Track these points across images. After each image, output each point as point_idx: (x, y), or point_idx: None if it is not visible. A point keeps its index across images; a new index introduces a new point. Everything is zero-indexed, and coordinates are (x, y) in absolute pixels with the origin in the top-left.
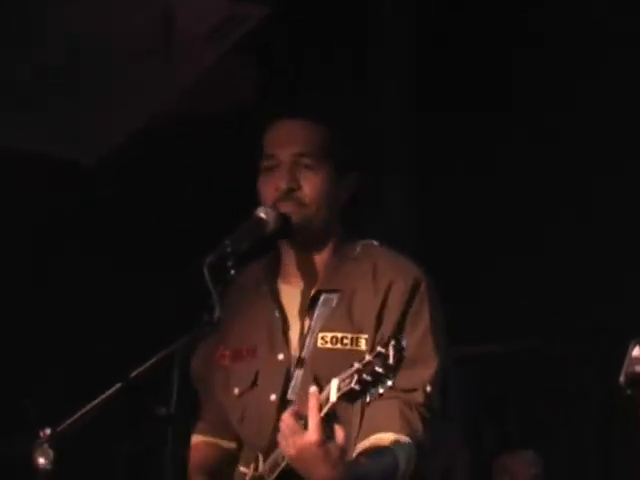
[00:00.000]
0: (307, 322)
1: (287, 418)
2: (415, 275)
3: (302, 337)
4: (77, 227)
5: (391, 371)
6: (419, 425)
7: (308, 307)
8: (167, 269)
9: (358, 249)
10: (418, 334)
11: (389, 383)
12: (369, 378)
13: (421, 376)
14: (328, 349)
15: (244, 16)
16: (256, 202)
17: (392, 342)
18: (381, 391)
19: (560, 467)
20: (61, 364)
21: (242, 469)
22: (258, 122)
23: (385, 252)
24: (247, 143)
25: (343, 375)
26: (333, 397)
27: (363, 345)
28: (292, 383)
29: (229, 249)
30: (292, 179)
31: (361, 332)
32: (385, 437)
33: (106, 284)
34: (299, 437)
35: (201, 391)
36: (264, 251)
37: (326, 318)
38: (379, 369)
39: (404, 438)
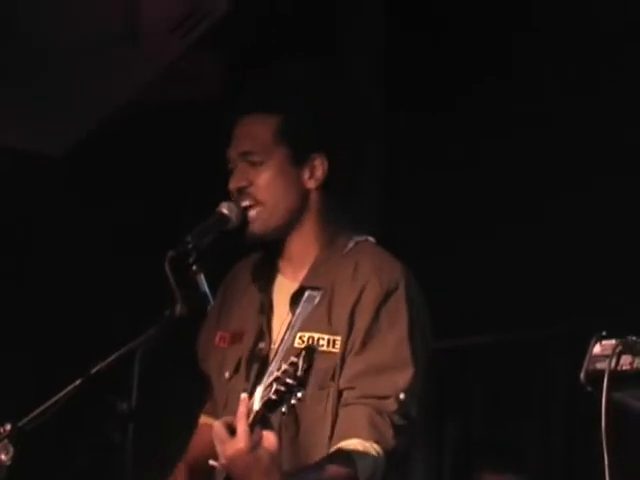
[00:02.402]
0: (290, 317)
1: (217, 426)
2: (393, 276)
3: (285, 331)
4: (46, 220)
5: (299, 382)
6: (389, 432)
7: (291, 303)
8: (136, 257)
9: (350, 245)
10: (393, 339)
11: (299, 394)
12: (283, 388)
13: (394, 383)
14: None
15: (210, 9)
16: (225, 193)
17: (303, 353)
18: (293, 402)
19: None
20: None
21: (211, 462)
22: (225, 115)
23: (371, 251)
24: (214, 134)
25: (265, 384)
26: (256, 406)
27: (339, 347)
28: (268, 372)
29: (190, 245)
30: (242, 178)
31: (337, 334)
32: (350, 444)
33: (78, 277)
34: (228, 445)
35: (205, 372)
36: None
37: (306, 317)
38: (289, 380)
39: (372, 446)
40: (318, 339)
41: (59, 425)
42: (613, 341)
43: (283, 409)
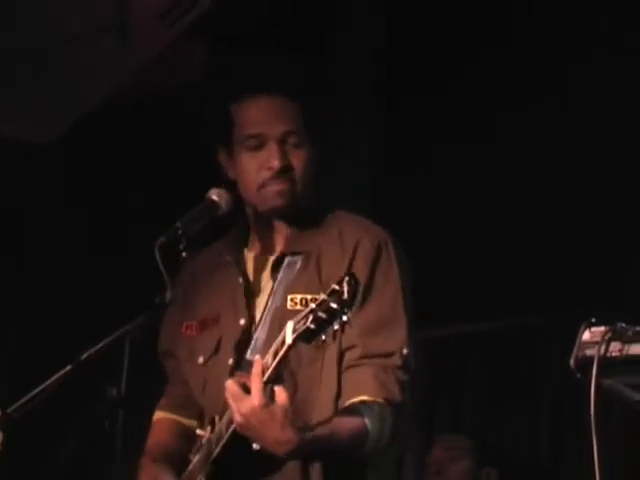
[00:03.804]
0: (270, 284)
1: (230, 385)
2: (380, 235)
3: (267, 299)
4: (34, 206)
5: (346, 305)
6: (395, 388)
7: (271, 270)
8: (124, 243)
9: (325, 216)
10: (389, 294)
11: (344, 318)
12: (324, 315)
13: (397, 338)
14: (298, 311)
15: None
16: (211, 181)
17: (346, 278)
18: (336, 327)
19: (515, 447)
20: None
21: (198, 432)
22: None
23: (350, 216)
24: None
25: (298, 317)
26: (289, 339)
27: None
28: (252, 344)
29: (180, 231)
30: (285, 158)
31: None
32: (357, 400)
33: (67, 263)
34: (242, 403)
35: (168, 367)
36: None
37: (293, 280)
38: (334, 305)
39: (379, 401)
40: (311, 299)
41: (49, 411)
42: (602, 328)
43: (323, 337)
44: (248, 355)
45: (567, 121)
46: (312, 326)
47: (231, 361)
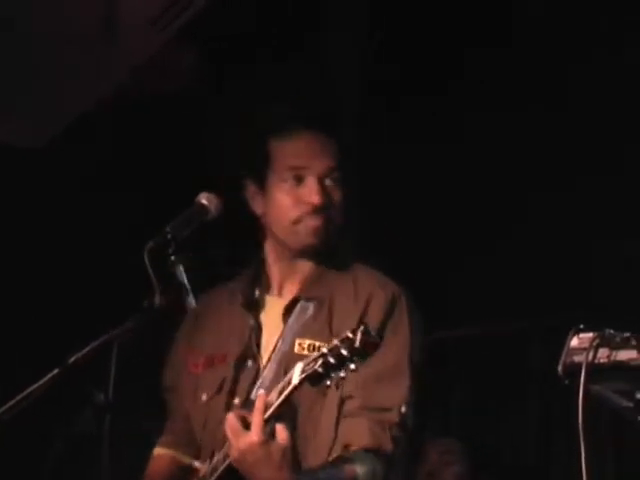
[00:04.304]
0: (282, 327)
1: (230, 419)
2: (395, 289)
3: (277, 341)
4: (27, 211)
5: (357, 354)
6: (389, 443)
7: (283, 314)
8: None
9: (342, 264)
10: (396, 350)
11: (352, 366)
12: (333, 361)
13: (397, 394)
14: (305, 356)
15: (186, 3)
16: (203, 184)
17: (361, 328)
18: (343, 375)
19: (504, 451)
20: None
21: (196, 464)
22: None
23: (366, 269)
24: (194, 127)
25: (308, 359)
26: (296, 379)
27: None
28: (257, 385)
29: (169, 236)
30: (325, 195)
31: None
32: (351, 452)
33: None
34: (241, 438)
35: (170, 401)
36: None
37: (304, 325)
38: (344, 351)
39: (372, 455)
40: (319, 346)
41: (35, 415)
42: (590, 334)
43: (328, 382)
44: (253, 395)
45: (565, 123)
46: (320, 370)
47: (237, 401)
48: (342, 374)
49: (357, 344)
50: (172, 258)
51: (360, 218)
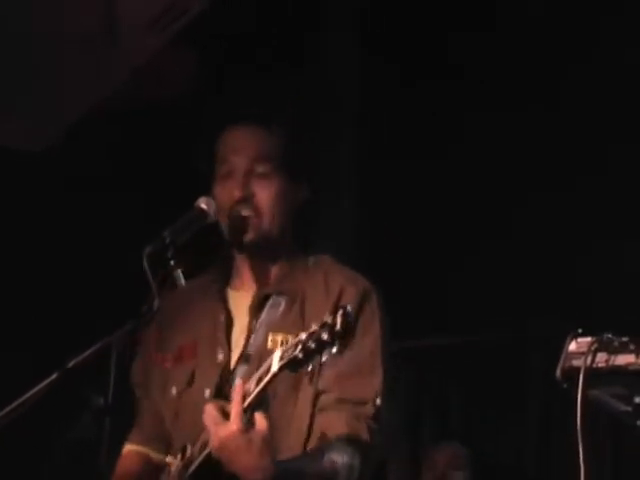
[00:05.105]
0: (253, 322)
1: (209, 409)
2: (365, 284)
3: (247, 336)
4: (27, 214)
5: (337, 337)
6: (366, 433)
7: (255, 308)
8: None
9: (311, 260)
10: (369, 343)
11: (334, 350)
12: (313, 345)
13: (372, 388)
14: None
15: (189, 3)
16: (205, 188)
17: (340, 311)
18: (324, 358)
19: (504, 455)
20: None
21: (168, 459)
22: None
23: (336, 264)
24: (191, 129)
25: (286, 346)
26: (275, 367)
27: None
28: (234, 378)
29: (168, 240)
30: (245, 187)
31: None
32: (328, 445)
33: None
34: (221, 427)
35: (140, 397)
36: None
37: (276, 320)
38: (325, 336)
39: (349, 448)
40: (312, 329)
41: (35, 419)
42: (589, 339)
43: (309, 368)
44: (225, 389)
45: (564, 123)
46: (300, 355)
47: (207, 393)
48: (323, 358)
49: (338, 327)
50: (171, 262)
51: (360, 220)
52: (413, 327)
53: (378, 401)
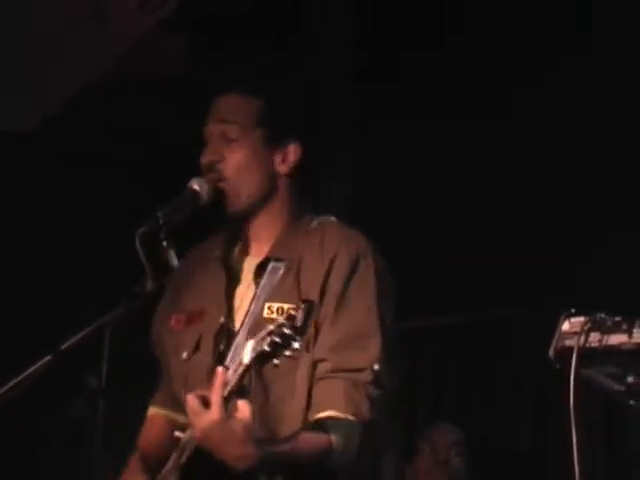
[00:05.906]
0: (253, 289)
1: (190, 399)
2: (360, 246)
3: (250, 303)
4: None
5: (298, 333)
6: (365, 405)
7: (255, 275)
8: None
9: (313, 223)
10: (363, 308)
11: (296, 345)
12: (278, 340)
13: (369, 354)
14: (273, 320)
15: None
16: (192, 169)
17: (302, 305)
18: (288, 353)
19: (499, 437)
20: None
21: (177, 433)
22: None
23: (336, 226)
24: (183, 109)
25: (258, 337)
26: (246, 359)
27: None
28: (232, 350)
29: (161, 221)
30: (215, 152)
31: None
32: (325, 415)
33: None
34: (201, 417)
35: (159, 358)
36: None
37: (274, 287)
38: (287, 331)
39: (348, 417)
40: (288, 309)
41: (28, 401)
42: (582, 318)
43: (276, 361)
44: (228, 360)
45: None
46: (267, 349)
47: (209, 360)
48: (287, 353)
49: (298, 323)
50: (164, 243)
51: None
52: (407, 308)
53: (376, 366)
